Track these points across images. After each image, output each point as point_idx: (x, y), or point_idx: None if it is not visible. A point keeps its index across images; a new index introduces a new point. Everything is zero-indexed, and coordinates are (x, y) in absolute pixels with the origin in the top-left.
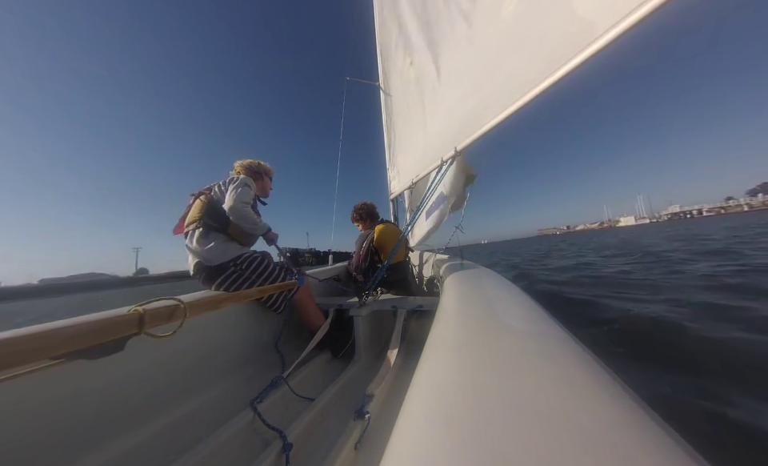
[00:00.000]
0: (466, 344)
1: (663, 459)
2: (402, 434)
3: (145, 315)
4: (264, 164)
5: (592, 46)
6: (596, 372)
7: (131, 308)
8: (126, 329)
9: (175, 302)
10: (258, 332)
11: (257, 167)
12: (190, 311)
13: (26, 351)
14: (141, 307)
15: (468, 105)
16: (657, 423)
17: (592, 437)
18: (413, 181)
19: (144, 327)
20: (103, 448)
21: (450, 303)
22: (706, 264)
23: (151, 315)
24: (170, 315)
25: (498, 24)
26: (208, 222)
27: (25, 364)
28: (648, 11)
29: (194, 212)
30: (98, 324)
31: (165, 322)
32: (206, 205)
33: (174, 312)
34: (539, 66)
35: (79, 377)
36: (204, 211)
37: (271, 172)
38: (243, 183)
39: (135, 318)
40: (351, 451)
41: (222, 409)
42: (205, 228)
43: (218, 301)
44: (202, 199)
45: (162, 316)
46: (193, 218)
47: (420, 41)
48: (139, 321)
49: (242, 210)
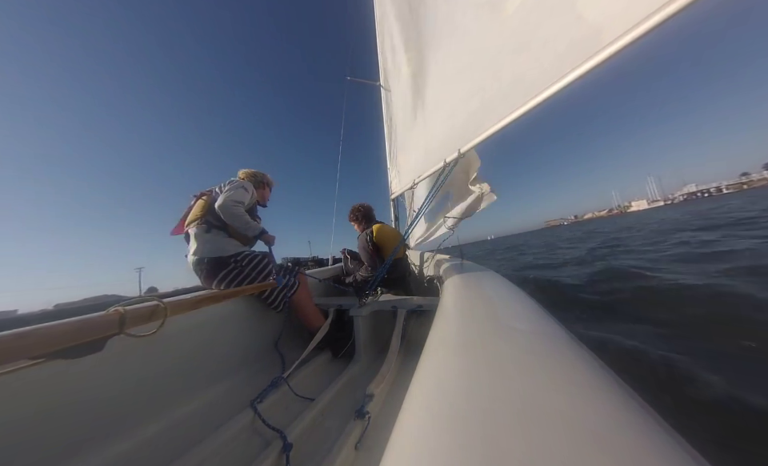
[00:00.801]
0: (466, 344)
1: (664, 459)
2: (402, 434)
3: (125, 315)
4: (267, 176)
5: (603, 51)
6: (597, 372)
7: (112, 309)
8: (106, 329)
9: (155, 301)
10: (258, 332)
11: (261, 177)
12: (170, 311)
13: (5, 350)
14: (121, 308)
15: (471, 106)
16: (657, 423)
17: (593, 437)
18: (414, 181)
19: (125, 327)
20: (104, 448)
21: (450, 303)
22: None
23: (132, 315)
24: (150, 315)
25: (500, 24)
26: (210, 219)
27: (3, 364)
28: (662, 19)
29: (196, 211)
30: (79, 324)
31: (145, 322)
32: (208, 204)
33: (154, 312)
34: (546, 69)
35: (74, 379)
36: (206, 210)
37: (272, 184)
38: (240, 185)
39: (116, 318)
40: (351, 451)
41: (222, 409)
42: (206, 225)
43: (198, 301)
44: (204, 199)
45: (143, 316)
46: (195, 216)
47: (420, 40)
48: (120, 321)
49: (231, 208)
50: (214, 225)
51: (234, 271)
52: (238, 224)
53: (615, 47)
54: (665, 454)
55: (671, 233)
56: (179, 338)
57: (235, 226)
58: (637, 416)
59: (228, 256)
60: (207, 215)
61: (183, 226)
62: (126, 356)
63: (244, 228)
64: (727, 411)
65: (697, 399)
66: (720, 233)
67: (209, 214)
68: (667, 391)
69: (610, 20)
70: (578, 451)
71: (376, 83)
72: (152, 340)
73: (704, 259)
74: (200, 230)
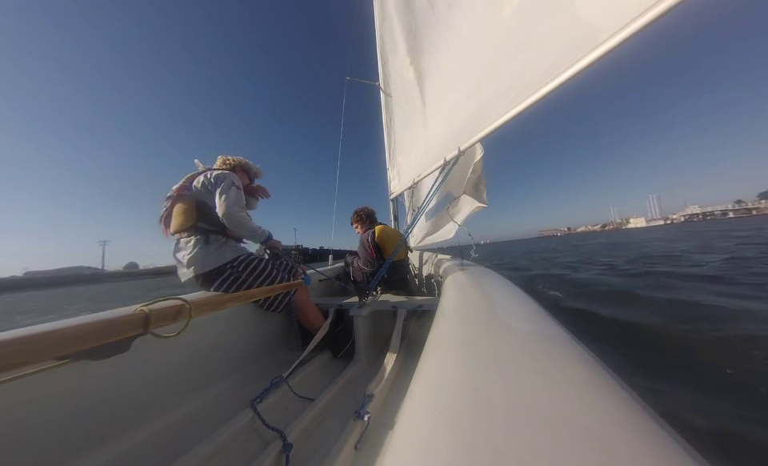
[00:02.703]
0: (466, 344)
1: (663, 458)
2: (401, 434)
3: (150, 315)
4: (252, 164)
5: (599, 48)
6: (596, 372)
7: (137, 308)
8: (131, 329)
9: (180, 301)
10: (258, 332)
11: (244, 165)
12: (195, 311)
13: (32, 351)
14: (146, 307)
15: (471, 105)
16: (657, 423)
17: (592, 437)
18: (414, 181)
19: (150, 327)
20: (104, 448)
21: (449, 303)
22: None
23: (157, 315)
24: (175, 315)
25: (498, 24)
26: (203, 226)
27: (31, 364)
28: (656, 15)
29: (184, 217)
30: (104, 324)
31: (170, 322)
32: (195, 207)
33: (179, 312)
34: (544, 67)
35: (83, 377)
36: (196, 215)
37: (260, 174)
38: (231, 184)
39: (141, 318)
40: (351, 451)
41: (222, 409)
42: (203, 235)
43: (223, 301)
44: (186, 203)
45: (168, 316)
46: (184, 223)
47: (420, 42)
48: (145, 321)
49: (237, 216)
50: (211, 231)
51: (231, 277)
52: (245, 232)
53: (611, 43)
54: (664, 454)
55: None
56: (179, 338)
57: (242, 235)
58: (636, 416)
59: (225, 263)
60: (199, 222)
61: (166, 231)
62: (125, 358)
63: (249, 235)
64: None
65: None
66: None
67: (201, 220)
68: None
69: (605, 17)
70: (578, 451)
71: (375, 83)
72: (152, 341)
73: (619, 273)
74: (199, 240)
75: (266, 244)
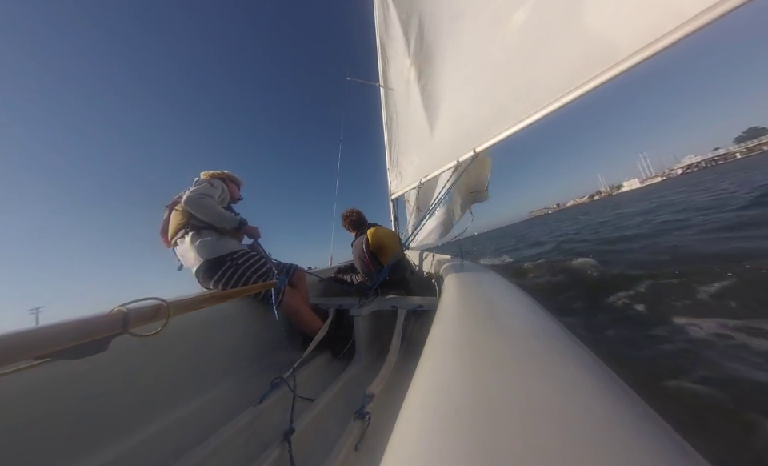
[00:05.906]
0: (466, 344)
1: (664, 459)
2: (402, 434)
3: (129, 315)
4: (233, 174)
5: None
6: (597, 372)
7: (114, 308)
8: (110, 329)
9: (159, 301)
10: (258, 332)
11: (226, 175)
12: (174, 311)
13: (9, 349)
14: (124, 307)
15: (481, 111)
16: (657, 423)
17: (593, 437)
18: (421, 181)
19: (128, 326)
20: (103, 449)
21: (449, 303)
22: None
23: (135, 315)
24: (153, 315)
25: (507, 38)
26: (194, 223)
27: (8, 363)
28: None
29: (178, 220)
30: (82, 324)
31: (148, 321)
32: (188, 212)
33: (157, 311)
34: (552, 83)
35: (75, 378)
36: (188, 215)
37: (240, 181)
38: (205, 181)
39: (119, 318)
40: (351, 451)
41: (222, 409)
42: (196, 230)
43: (201, 301)
44: (178, 209)
45: (146, 316)
46: (179, 225)
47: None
48: (123, 321)
49: (198, 200)
50: (203, 225)
51: (231, 269)
52: (210, 215)
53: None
54: (665, 454)
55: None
56: (179, 338)
57: (208, 219)
58: (637, 416)
59: (224, 255)
60: (191, 220)
61: (167, 241)
62: (125, 357)
63: (219, 220)
64: None
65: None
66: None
67: (192, 218)
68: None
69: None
70: (578, 451)
71: (376, 84)
72: (151, 341)
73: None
74: (192, 236)
75: (241, 230)
